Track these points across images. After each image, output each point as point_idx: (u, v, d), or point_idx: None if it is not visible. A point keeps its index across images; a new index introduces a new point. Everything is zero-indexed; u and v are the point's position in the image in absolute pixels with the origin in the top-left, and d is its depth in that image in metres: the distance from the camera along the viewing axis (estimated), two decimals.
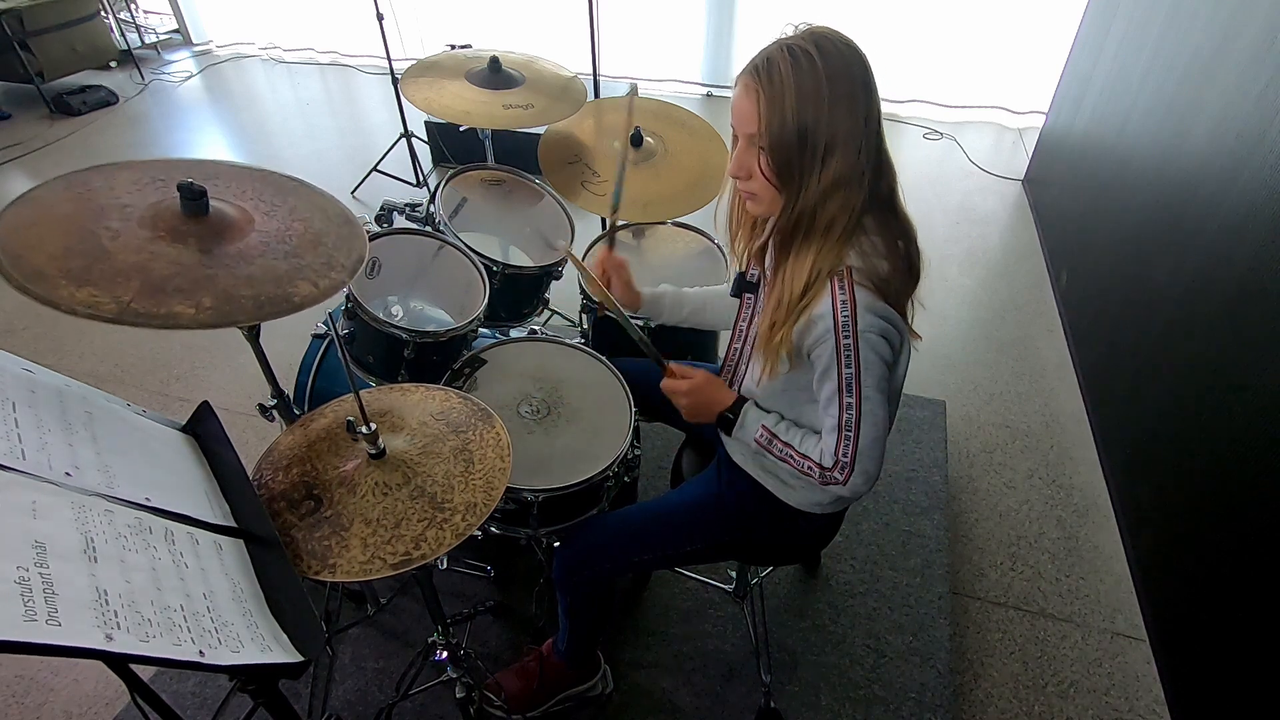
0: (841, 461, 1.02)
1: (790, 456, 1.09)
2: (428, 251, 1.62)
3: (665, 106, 1.98)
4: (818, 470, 1.06)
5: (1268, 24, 1.70)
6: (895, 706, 1.54)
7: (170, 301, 0.88)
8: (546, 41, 4.51)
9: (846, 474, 1.03)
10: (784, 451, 1.10)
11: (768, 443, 1.12)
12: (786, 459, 1.10)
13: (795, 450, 1.09)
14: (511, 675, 1.47)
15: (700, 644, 1.65)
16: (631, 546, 1.29)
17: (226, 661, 0.68)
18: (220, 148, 4.29)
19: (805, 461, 1.08)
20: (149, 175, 1.05)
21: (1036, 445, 2.26)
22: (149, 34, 5.41)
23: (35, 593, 0.59)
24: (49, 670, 1.66)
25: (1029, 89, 4.10)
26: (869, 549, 1.86)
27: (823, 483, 1.06)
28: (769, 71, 0.94)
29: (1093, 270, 2.60)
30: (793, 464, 1.09)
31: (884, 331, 0.99)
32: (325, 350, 1.65)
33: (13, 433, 0.76)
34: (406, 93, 1.82)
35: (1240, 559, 1.43)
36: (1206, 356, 1.69)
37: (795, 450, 1.09)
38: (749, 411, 1.15)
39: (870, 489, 1.05)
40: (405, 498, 0.96)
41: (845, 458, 1.02)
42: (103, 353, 2.65)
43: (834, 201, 0.97)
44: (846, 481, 1.03)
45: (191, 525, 0.83)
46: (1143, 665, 1.69)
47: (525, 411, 1.38)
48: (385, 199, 1.79)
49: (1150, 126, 2.31)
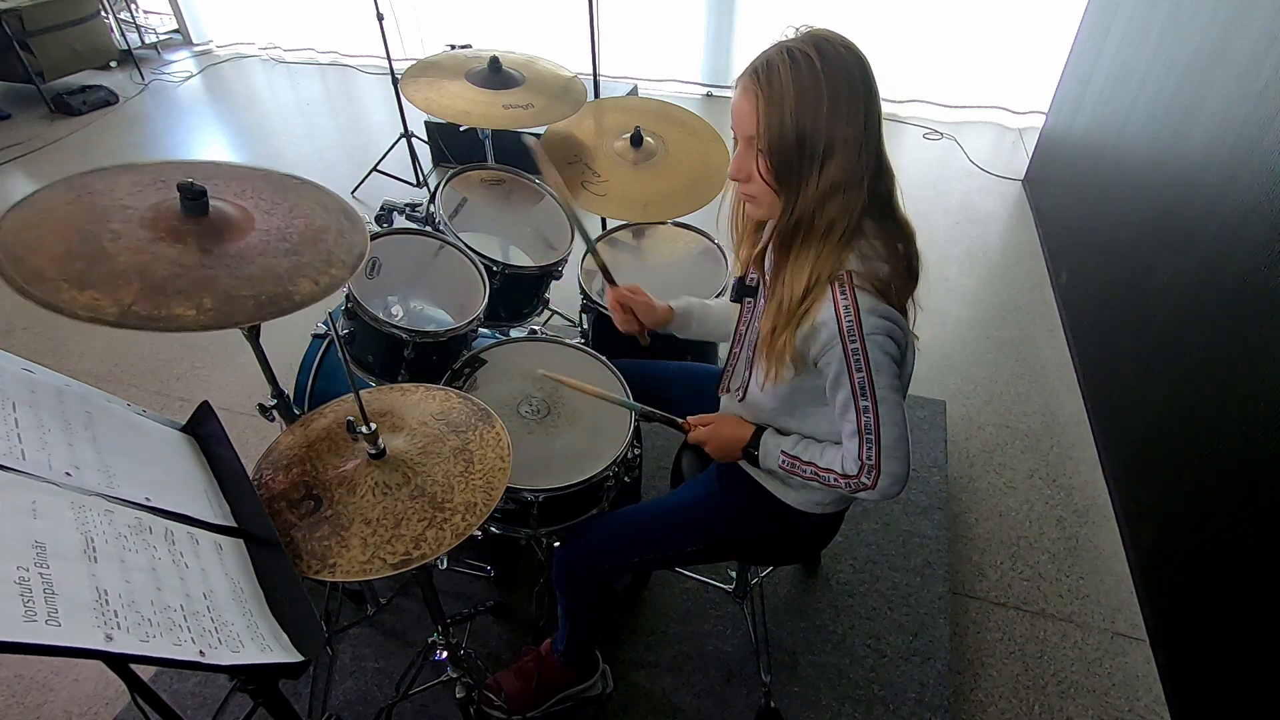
0: (866, 465, 1.02)
1: (815, 474, 1.09)
2: (428, 251, 1.62)
3: (665, 106, 1.98)
4: (844, 481, 1.05)
5: (1268, 24, 1.70)
6: (895, 706, 1.54)
7: (171, 303, 0.88)
8: (546, 41, 4.51)
9: (874, 477, 1.02)
10: (808, 470, 1.10)
11: (791, 467, 1.12)
12: (813, 477, 1.10)
13: (819, 467, 1.09)
14: (510, 675, 1.47)
15: (700, 644, 1.65)
16: (631, 546, 1.29)
17: (226, 661, 0.68)
18: (220, 148, 4.29)
19: (830, 475, 1.07)
20: (150, 177, 1.05)
21: (1036, 445, 2.26)
22: (149, 34, 5.42)
23: (35, 593, 0.59)
24: (49, 670, 1.66)
25: (1029, 89, 4.10)
26: (869, 549, 1.86)
27: (851, 491, 1.06)
28: (768, 74, 0.94)
29: (1093, 270, 2.60)
30: (820, 481, 1.09)
31: (890, 331, 0.99)
32: (325, 350, 1.65)
33: (13, 433, 0.76)
34: (406, 93, 1.82)
35: (1240, 559, 1.43)
36: (1206, 356, 1.69)
37: (819, 467, 1.09)
38: (767, 440, 1.15)
39: (902, 489, 1.04)
40: (405, 498, 0.96)
41: (870, 460, 1.01)
42: (103, 353, 2.65)
43: (833, 204, 0.97)
44: (875, 485, 1.02)
45: (191, 525, 0.83)
46: (1143, 665, 1.69)
47: (525, 411, 1.38)
48: (385, 199, 1.79)
49: (1150, 127, 2.31)
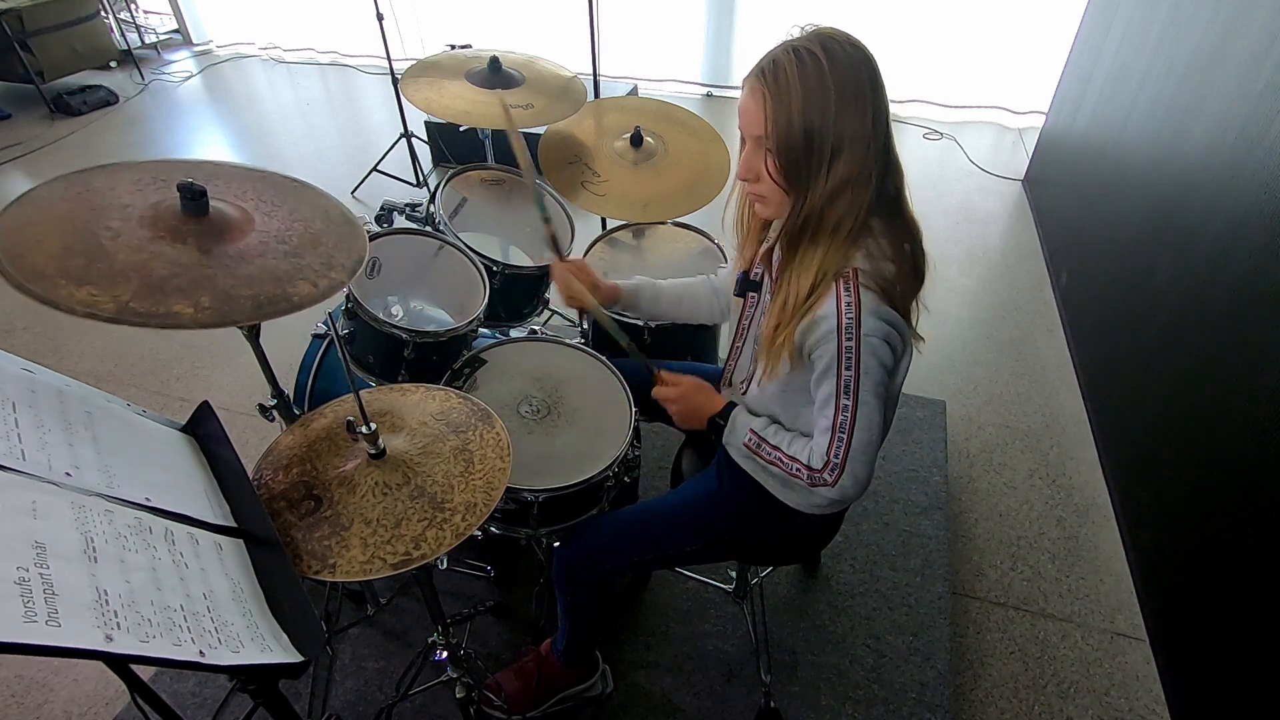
0: (832, 463, 1.02)
1: (779, 459, 1.09)
2: (428, 251, 1.62)
3: (665, 106, 1.98)
4: (806, 472, 1.05)
5: (1268, 24, 1.70)
6: (895, 706, 1.54)
7: (169, 301, 0.87)
8: (546, 41, 4.51)
9: (836, 475, 1.02)
10: (772, 454, 1.10)
11: (756, 446, 1.12)
12: (775, 462, 1.10)
13: (783, 453, 1.09)
14: (510, 675, 1.47)
15: (700, 644, 1.65)
16: (631, 546, 1.29)
17: (226, 661, 0.68)
18: (220, 148, 4.29)
19: (794, 464, 1.07)
20: (150, 175, 1.05)
21: (1036, 445, 2.26)
22: (149, 34, 5.41)
23: (35, 593, 0.59)
24: (49, 670, 1.66)
25: (1029, 89, 4.10)
26: (869, 549, 1.85)
27: (810, 484, 1.05)
28: (775, 73, 0.94)
29: (1093, 270, 2.60)
30: (781, 467, 1.09)
31: (886, 335, 0.98)
32: (325, 350, 1.65)
33: (13, 433, 0.76)
34: (406, 93, 1.82)
35: (1240, 559, 1.43)
36: (1206, 356, 1.69)
37: (783, 453, 1.09)
38: (738, 416, 1.15)
39: (859, 494, 1.04)
40: (405, 498, 0.96)
41: (836, 459, 1.01)
42: (103, 352, 2.65)
43: (841, 202, 0.97)
44: (835, 484, 1.02)
45: (191, 525, 0.83)
46: (1143, 665, 1.69)
47: (525, 411, 1.38)
48: (385, 199, 1.79)
49: (1150, 127, 2.31)
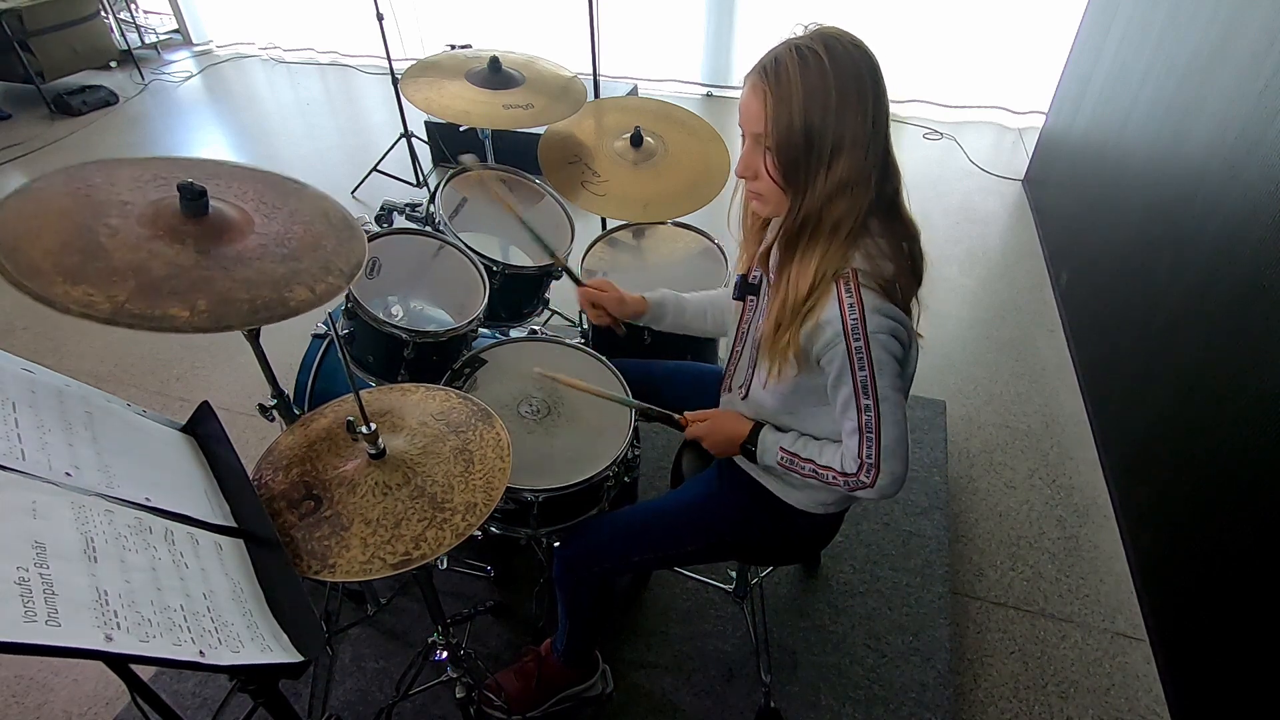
0: (866, 463, 1.02)
1: (815, 472, 1.09)
2: (428, 251, 1.62)
3: (665, 106, 1.98)
4: (843, 479, 1.05)
5: (1268, 24, 1.70)
6: (895, 706, 1.54)
7: (165, 303, 0.86)
8: (546, 41, 4.51)
9: (873, 475, 1.02)
10: (806, 468, 1.10)
11: (789, 464, 1.12)
12: (811, 475, 1.10)
13: (817, 464, 1.09)
14: (510, 675, 1.47)
15: (700, 644, 1.65)
16: (631, 546, 1.29)
17: (226, 661, 0.68)
18: (220, 148, 4.29)
19: (829, 473, 1.07)
20: (150, 173, 1.04)
21: (1036, 445, 2.25)
22: (149, 34, 5.41)
23: (35, 593, 0.59)
24: (49, 670, 1.66)
25: (1029, 89, 4.10)
26: (869, 549, 1.85)
27: (850, 489, 1.06)
28: (776, 72, 0.94)
29: (1093, 270, 2.60)
30: (818, 479, 1.09)
31: (894, 330, 0.99)
32: (325, 350, 1.65)
33: (13, 433, 0.76)
34: (406, 93, 1.82)
35: (1240, 559, 1.43)
36: (1206, 356, 1.69)
37: (817, 464, 1.09)
38: (766, 437, 1.15)
39: (898, 490, 1.04)
40: (405, 498, 0.96)
41: (870, 459, 1.01)
42: (103, 353, 2.65)
43: (840, 202, 0.97)
44: (874, 483, 1.02)
45: (191, 525, 0.83)
46: (1143, 665, 1.69)
47: (525, 411, 1.38)
48: (385, 199, 1.79)
49: (1150, 127, 2.31)
